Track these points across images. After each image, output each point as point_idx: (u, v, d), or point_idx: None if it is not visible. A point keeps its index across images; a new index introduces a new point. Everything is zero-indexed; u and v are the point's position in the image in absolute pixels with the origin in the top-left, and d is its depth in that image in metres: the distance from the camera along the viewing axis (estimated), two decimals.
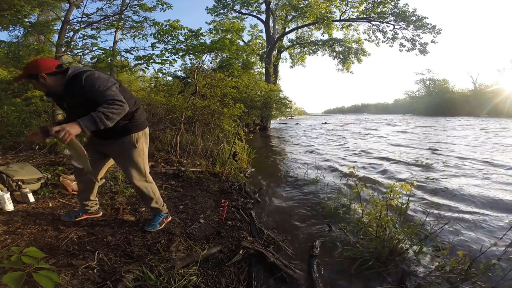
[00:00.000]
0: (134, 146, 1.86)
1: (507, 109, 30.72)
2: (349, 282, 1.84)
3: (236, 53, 5.58)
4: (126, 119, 1.78)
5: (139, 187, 1.98)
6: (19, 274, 1.13)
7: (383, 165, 5.70)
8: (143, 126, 1.91)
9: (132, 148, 1.86)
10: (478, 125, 17.17)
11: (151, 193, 2.04)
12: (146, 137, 1.95)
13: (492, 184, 4.05)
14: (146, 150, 1.98)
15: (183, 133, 5.32)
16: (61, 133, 1.37)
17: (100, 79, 1.58)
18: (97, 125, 1.45)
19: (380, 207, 2.10)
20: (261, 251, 1.92)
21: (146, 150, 1.98)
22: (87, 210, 2.19)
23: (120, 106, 1.54)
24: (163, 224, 2.16)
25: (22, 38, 9.86)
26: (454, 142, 9.22)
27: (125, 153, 1.88)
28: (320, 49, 21.08)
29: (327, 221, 2.81)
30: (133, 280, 1.47)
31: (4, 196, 2.23)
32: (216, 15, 20.28)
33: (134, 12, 6.25)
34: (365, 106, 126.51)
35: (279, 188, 4.20)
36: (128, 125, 1.81)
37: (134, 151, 1.87)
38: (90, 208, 2.20)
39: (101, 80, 1.58)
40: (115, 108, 1.51)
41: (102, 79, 1.59)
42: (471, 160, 5.86)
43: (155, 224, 2.11)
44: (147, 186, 2.01)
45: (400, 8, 16.96)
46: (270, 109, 15.04)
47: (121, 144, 1.85)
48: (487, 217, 2.84)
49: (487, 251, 1.96)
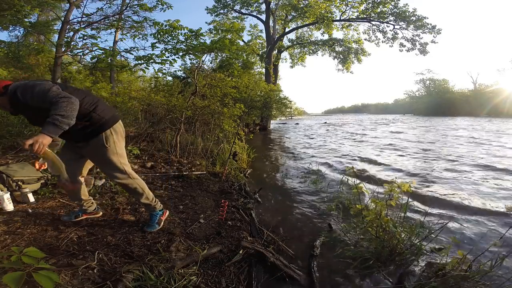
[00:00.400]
0: (105, 146, 1.81)
1: (507, 109, 30.73)
2: (349, 282, 1.84)
3: (236, 53, 5.59)
4: (85, 120, 1.73)
5: (124, 184, 1.96)
6: (19, 274, 1.13)
7: (383, 165, 5.70)
8: (110, 123, 1.84)
9: (103, 149, 1.82)
10: (478, 125, 17.17)
11: (138, 188, 2.01)
12: (117, 133, 1.88)
13: (492, 184, 4.05)
14: (120, 146, 1.92)
15: (183, 133, 5.32)
16: (35, 146, 1.39)
17: (36, 86, 1.58)
18: (57, 127, 1.45)
19: (380, 207, 2.10)
20: (261, 251, 1.92)
21: (120, 146, 1.92)
22: (85, 210, 2.19)
23: (66, 101, 1.50)
24: (161, 223, 2.15)
25: (22, 38, 9.87)
26: (451, 141, 9.22)
27: (98, 154, 1.85)
28: (320, 49, 21.10)
29: (327, 221, 2.81)
30: (133, 280, 1.47)
31: (4, 196, 2.23)
32: (216, 15, 20.30)
33: (134, 12, 6.25)
34: (365, 106, 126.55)
35: (279, 188, 4.20)
36: (91, 127, 1.77)
37: (106, 151, 1.83)
38: (88, 208, 2.20)
39: (37, 86, 1.57)
40: (63, 105, 1.48)
41: (38, 85, 1.59)
42: (471, 161, 5.86)
43: (154, 225, 2.10)
44: (132, 182, 1.97)
45: (400, 8, 16.97)
46: (270, 109, 15.04)
47: (93, 146, 1.82)
48: (487, 217, 2.84)
49: (487, 251, 1.96)
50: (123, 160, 1.93)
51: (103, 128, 1.81)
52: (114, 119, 1.89)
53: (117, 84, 11.60)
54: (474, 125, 17.33)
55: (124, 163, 1.94)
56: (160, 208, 2.18)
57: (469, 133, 12.04)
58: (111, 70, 5.81)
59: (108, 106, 1.97)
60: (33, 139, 1.40)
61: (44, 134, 1.43)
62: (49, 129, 1.44)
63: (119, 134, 1.90)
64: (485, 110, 33.37)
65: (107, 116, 1.83)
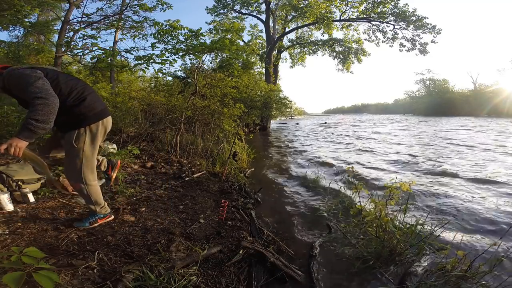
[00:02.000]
0: (71, 145, 1.73)
1: (507, 109, 30.74)
2: (349, 282, 1.84)
3: (236, 53, 5.59)
4: (65, 115, 1.66)
5: (73, 186, 1.89)
6: (19, 274, 1.13)
7: (382, 166, 5.70)
8: (88, 120, 1.74)
9: (69, 146, 1.75)
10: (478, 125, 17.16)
11: (87, 195, 1.92)
12: (92, 133, 1.77)
13: (491, 184, 4.05)
14: (90, 149, 1.80)
15: (183, 133, 5.33)
16: (11, 150, 1.38)
17: (22, 76, 1.53)
18: (32, 132, 1.42)
19: (380, 207, 2.10)
20: (261, 251, 1.92)
21: (90, 149, 1.80)
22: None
23: (42, 103, 1.43)
24: (95, 224, 2.03)
25: (22, 38, 9.87)
26: (452, 137, 9.23)
27: (65, 148, 1.80)
28: (320, 49, 21.10)
29: (327, 221, 2.81)
30: (133, 280, 1.47)
31: (4, 196, 2.23)
32: (216, 15, 20.31)
33: (134, 12, 6.26)
34: (365, 106, 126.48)
35: (279, 188, 4.20)
36: (69, 121, 1.71)
37: (71, 149, 1.75)
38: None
39: (23, 77, 1.52)
40: (39, 108, 1.43)
41: (25, 75, 1.53)
42: (470, 160, 5.86)
43: (85, 222, 2.01)
44: (83, 188, 1.88)
45: (400, 8, 16.98)
46: (270, 109, 15.04)
47: (65, 139, 1.76)
48: (487, 217, 2.84)
49: (487, 251, 1.96)
50: (87, 163, 1.82)
51: (79, 125, 1.72)
52: (97, 116, 1.78)
53: (117, 84, 11.59)
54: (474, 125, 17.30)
55: (86, 167, 1.83)
56: (105, 212, 2.07)
57: (465, 133, 12.05)
58: (111, 70, 5.80)
59: (98, 101, 1.86)
60: (7, 143, 1.39)
61: (19, 138, 1.42)
62: (24, 134, 1.42)
63: (95, 134, 1.79)
64: (485, 110, 33.38)
65: (90, 113, 1.74)
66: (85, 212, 2.25)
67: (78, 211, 2.35)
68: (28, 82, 1.49)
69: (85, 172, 1.85)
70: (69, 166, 1.85)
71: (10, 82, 1.55)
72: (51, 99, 1.48)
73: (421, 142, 9.69)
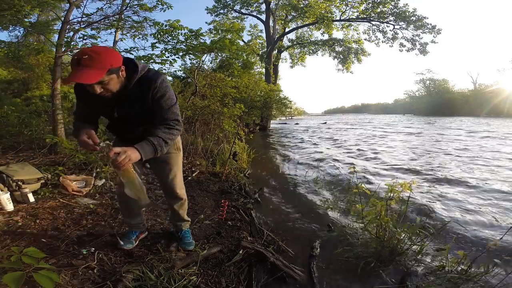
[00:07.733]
0: (179, 149, 1.75)
1: (507, 109, 30.72)
2: (349, 282, 1.84)
3: (236, 53, 5.60)
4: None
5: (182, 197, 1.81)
6: (19, 274, 1.13)
7: (384, 166, 5.70)
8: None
9: (177, 152, 1.72)
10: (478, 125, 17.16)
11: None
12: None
13: (491, 184, 4.05)
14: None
15: (183, 133, 5.32)
16: (121, 156, 1.11)
17: (170, 90, 1.34)
18: (154, 153, 1.24)
19: (380, 207, 2.10)
20: (261, 251, 1.92)
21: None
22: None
23: (178, 130, 1.36)
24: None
25: (22, 38, 9.85)
26: (451, 139, 9.23)
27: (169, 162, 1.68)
28: (320, 49, 21.08)
29: (327, 221, 2.81)
30: (133, 280, 1.47)
31: (4, 196, 2.23)
32: (216, 15, 20.29)
33: (134, 12, 6.24)
34: (365, 106, 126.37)
35: (279, 188, 4.20)
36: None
37: (177, 157, 1.72)
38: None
39: (170, 91, 1.34)
40: (174, 132, 1.33)
41: (171, 90, 1.36)
42: (470, 160, 5.86)
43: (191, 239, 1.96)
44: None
45: (400, 8, 16.96)
46: (270, 109, 15.04)
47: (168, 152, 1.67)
48: (487, 217, 2.84)
49: (487, 251, 1.96)
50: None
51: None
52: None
53: None
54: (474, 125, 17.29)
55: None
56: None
57: (464, 132, 12.04)
58: None
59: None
60: (122, 148, 1.13)
61: (137, 149, 1.17)
62: (145, 149, 1.19)
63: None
64: (485, 110, 33.35)
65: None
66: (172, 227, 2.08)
67: (78, 211, 2.35)
68: (173, 100, 1.36)
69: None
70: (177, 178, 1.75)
71: (160, 89, 1.30)
72: (181, 129, 1.41)
73: (423, 144, 9.69)
